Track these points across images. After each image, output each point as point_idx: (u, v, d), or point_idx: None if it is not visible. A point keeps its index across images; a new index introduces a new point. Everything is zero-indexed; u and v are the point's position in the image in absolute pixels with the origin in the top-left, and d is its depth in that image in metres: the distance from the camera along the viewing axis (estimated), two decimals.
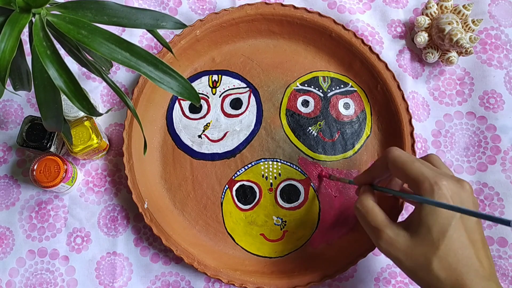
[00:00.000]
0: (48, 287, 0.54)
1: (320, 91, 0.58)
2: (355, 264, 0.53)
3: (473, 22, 0.57)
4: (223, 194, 0.56)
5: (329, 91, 0.58)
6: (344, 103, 0.58)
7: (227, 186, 0.56)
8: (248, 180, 0.56)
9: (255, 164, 0.56)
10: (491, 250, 0.55)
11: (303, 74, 0.59)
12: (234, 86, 0.59)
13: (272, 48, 0.60)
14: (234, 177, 0.56)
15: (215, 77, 0.59)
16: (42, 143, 0.52)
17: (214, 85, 0.59)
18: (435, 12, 0.59)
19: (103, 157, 0.57)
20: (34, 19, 0.33)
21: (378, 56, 0.57)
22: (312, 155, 0.56)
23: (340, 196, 0.56)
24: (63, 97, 0.47)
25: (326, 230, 0.55)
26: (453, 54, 0.57)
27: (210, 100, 0.58)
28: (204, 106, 0.58)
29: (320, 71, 0.59)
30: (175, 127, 0.58)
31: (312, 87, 0.58)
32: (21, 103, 0.58)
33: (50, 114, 0.36)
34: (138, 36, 0.60)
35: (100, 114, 0.37)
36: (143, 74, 0.32)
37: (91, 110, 0.34)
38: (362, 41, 0.57)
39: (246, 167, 0.56)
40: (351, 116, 0.58)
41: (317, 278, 0.52)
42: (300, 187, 0.56)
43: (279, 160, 0.56)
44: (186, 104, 0.58)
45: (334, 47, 0.59)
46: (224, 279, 0.52)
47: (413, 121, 0.56)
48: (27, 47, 0.37)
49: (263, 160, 0.56)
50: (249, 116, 0.58)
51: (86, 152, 0.52)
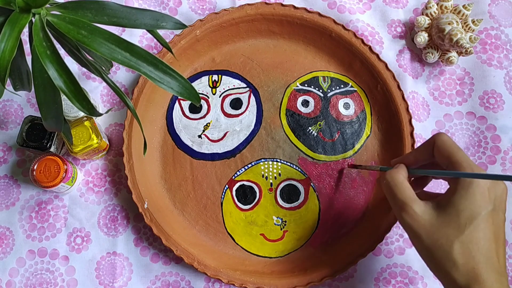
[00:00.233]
0: (48, 287, 0.54)
1: (320, 91, 0.58)
2: (355, 264, 0.53)
3: (473, 22, 0.57)
4: (223, 194, 0.56)
5: (329, 91, 0.58)
6: (344, 103, 0.58)
7: (227, 186, 0.56)
8: (248, 180, 0.56)
9: (255, 164, 0.56)
10: None
11: (303, 74, 0.59)
12: (234, 86, 0.59)
13: (272, 48, 0.60)
14: (234, 177, 0.56)
15: (215, 77, 0.59)
16: (42, 143, 0.52)
17: (214, 85, 0.59)
18: (435, 12, 0.59)
19: (103, 157, 0.57)
20: (34, 19, 0.33)
21: (378, 56, 0.57)
22: (312, 155, 0.56)
23: (340, 196, 0.56)
24: (63, 97, 0.47)
25: (326, 230, 0.55)
26: (453, 54, 0.57)
27: (210, 100, 0.58)
28: (204, 106, 0.58)
29: (320, 71, 0.59)
30: (175, 127, 0.58)
31: (312, 87, 0.58)
32: (21, 103, 0.58)
33: (50, 114, 0.36)
34: (138, 36, 0.60)
35: (100, 114, 0.37)
36: (143, 74, 0.32)
37: (91, 110, 0.34)
38: (362, 41, 0.57)
39: (246, 167, 0.56)
40: (351, 116, 0.58)
41: (317, 278, 0.52)
42: (300, 187, 0.56)
43: (279, 160, 0.56)
44: (186, 104, 0.58)
45: (334, 47, 0.59)
46: (224, 279, 0.52)
47: (413, 121, 0.56)
48: (27, 47, 0.37)
49: (263, 160, 0.56)
50: (249, 116, 0.58)
51: (86, 152, 0.52)
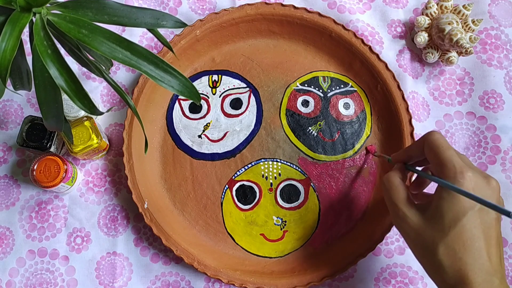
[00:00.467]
0: (48, 287, 0.54)
1: (320, 91, 0.58)
2: (355, 264, 0.53)
3: (473, 22, 0.57)
4: (223, 194, 0.56)
5: (329, 91, 0.58)
6: (344, 103, 0.58)
7: (227, 186, 0.56)
8: (248, 180, 0.56)
9: (255, 164, 0.56)
10: None
11: (303, 74, 0.59)
12: (234, 86, 0.59)
13: (272, 48, 0.60)
14: (234, 177, 0.56)
15: (215, 77, 0.59)
16: (42, 143, 0.52)
17: (214, 85, 0.59)
18: (435, 12, 0.59)
19: (103, 157, 0.57)
20: (34, 19, 0.33)
21: (378, 56, 0.57)
22: (312, 155, 0.56)
23: (340, 196, 0.56)
24: (63, 97, 0.47)
25: (326, 230, 0.55)
26: (453, 54, 0.57)
27: (210, 100, 0.58)
28: (204, 106, 0.58)
29: (320, 71, 0.59)
30: (175, 127, 0.58)
31: (312, 87, 0.58)
32: (21, 103, 0.58)
33: (51, 114, 0.36)
34: (138, 36, 0.60)
35: (101, 113, 0.37)
36: (143, 73, 0.32)
37: (93, 109, 0.34)
38: (362, 41, 0.57)
39: (246, 167, 0.56)
40: (351, 116, 0.58)
41: (317, 278, 0.52)
42: (300, 187, 0.56)
43: (279, 160, 0.56)
44: (186, 104, 0.58)
45: (334, 47, 0.59)
46: (224, 279, 0.52)
47: (413, 121, 0.56)
48: (27, 47, 0.37)
49: (263, 160, 0.56)
50: (249, 116, 0.58)
51: (86, 152, 0.52)
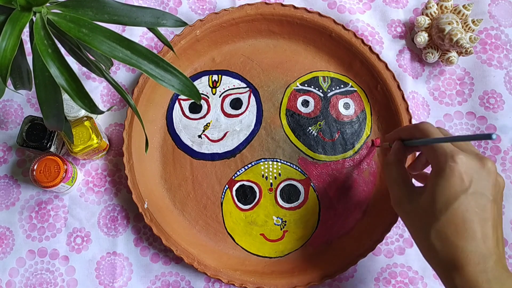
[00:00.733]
0: (48, 287, 0.54)
1: (320, 91, 0.58)
2: (355, 264, 0.53)
3: (473, 22, 0.57)
4: (223, 194, 0.56)
5: (329, 91, 0.58)
6: (344, 103, 0.58)
7: (227, 186, 0.56)
8: (248, 180, 0.56)
9: (255, 164, 0.56)
10: None
11: (303, 74, 0.59)
12: (234, 86, 0.59)
13: (272, 48, 0.60)
14: (234, 177, 0.56)
15: (215, 77, 0.59)
16: (42, 143, 0.52)
17: (214, 85, 0.59)
18: (435, 12, 0.59)
19: (103, 157, 0.57)
20: (34, 18, 0.33)
21: (378, 56, 0.57)
22: (312, 155, 0.56)
23: (340, 196, 0.56)
24: (63, 96, 0.47)
25: (326, 230, 0.55)
26: (453, 54, 0.57)
27: (210, 100, 0.58)
28: (204, 106, 0.58)
29: (320, 71, 0.59)
30: (175, 127, 0.57)
31: (312, 87, 0.58)
32: (21, 103, 0.58)
33: (51, 113, 0.36)
34: (138, 36, 0.60)
35: (102, 112, 0.37)
36: (144, 72, 0.32)
37: (93, 108, 0.34)
38: (362, 41, 0.57)
39: (246, 167, 0.56)
40: (351, 116, 0.58)
41: (317, 278, 0.52)
42: (300, 187, 0.56)
43: (279, 160, 0.56)
44: (186, 104, 0.58)
45: (334, 47, 0.59)
46: (224, 279, 0.52)
47: (413, 121, 0.56)
48: (27, 47, 0.37)
49: (263, 160, 0.56)
50: (249, 116, 0.58)
51: (86, 152, 0.52)
